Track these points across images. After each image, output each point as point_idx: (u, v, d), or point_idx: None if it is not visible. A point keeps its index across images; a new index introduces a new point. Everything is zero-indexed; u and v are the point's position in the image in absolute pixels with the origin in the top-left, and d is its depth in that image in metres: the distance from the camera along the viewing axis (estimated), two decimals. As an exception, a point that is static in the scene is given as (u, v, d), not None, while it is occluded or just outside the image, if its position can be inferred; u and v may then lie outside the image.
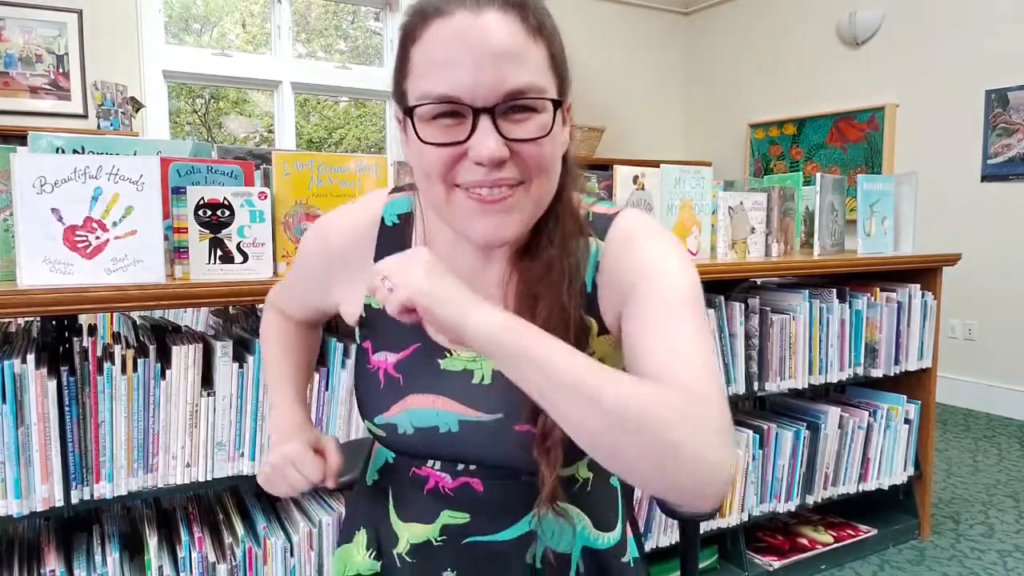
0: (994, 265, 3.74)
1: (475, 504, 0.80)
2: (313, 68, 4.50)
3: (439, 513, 0.82)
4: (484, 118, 0.65)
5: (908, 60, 4.14)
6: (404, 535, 0.83)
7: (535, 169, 0.68)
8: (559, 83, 0.71)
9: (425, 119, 0.68)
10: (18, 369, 1.15)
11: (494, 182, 0.67)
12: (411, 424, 0.79)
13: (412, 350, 0.80)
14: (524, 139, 0.67)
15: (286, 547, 1.39)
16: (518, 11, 0.67)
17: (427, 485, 0.82)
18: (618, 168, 1.80)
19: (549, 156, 0.69)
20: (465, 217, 0.70)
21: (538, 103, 0.67)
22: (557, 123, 0.70)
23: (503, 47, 0.65)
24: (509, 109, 0.66)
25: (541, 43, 0.69)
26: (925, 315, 2.25)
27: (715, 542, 2.04)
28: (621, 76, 5.20)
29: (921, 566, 2.16)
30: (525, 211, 0.70)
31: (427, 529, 0.82)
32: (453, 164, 0.68)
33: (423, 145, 0.68)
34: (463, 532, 0.81)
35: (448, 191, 0.69)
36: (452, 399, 0.78)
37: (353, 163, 1.43)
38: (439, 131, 0.67)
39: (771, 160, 4.93)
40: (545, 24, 0.70)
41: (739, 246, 1.99)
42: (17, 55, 3.45)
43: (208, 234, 1.31)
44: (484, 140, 0.65)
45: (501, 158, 0.66)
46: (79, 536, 1.36)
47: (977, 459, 3.12)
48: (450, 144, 0.67)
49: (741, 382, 1.91)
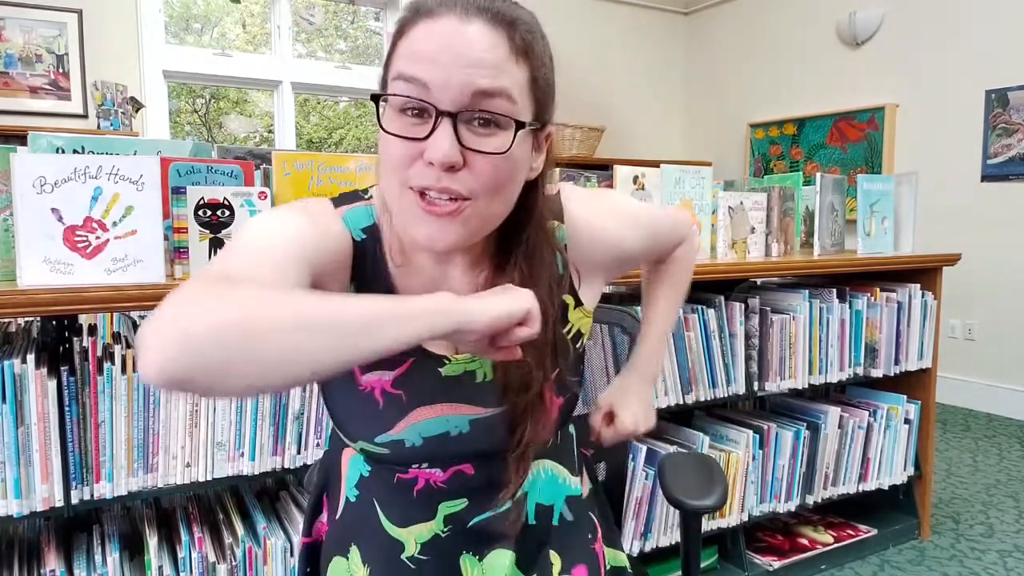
0: (994, 265, 3.74)
1: (469, 487, 0.82)
2: (313, 68, 4.50)
3: (437, 507, 0.83)
4: (445, 120, 0.66)
5: (908, 60, 4.14)
6: (409, 539, 0.84)
7: (486, 186, 0.68)
8: (536, 108, 0.72)
9: (394, 109, 0.69)
10: (18, 369, 1.15)
11: (442, 189, 0.67)
12: (419, 436, 0.79)
13: (408, 365, 0.79)
14: (480, 151, 0.67)
15: (286, 547, 1.39)
16: (506, 28, 0.68)
17: (416, 486, 0.82)
18: (618, 168, 1.80)
19: (502, 177, 0.69)
20: (410, 218, 0.70)
21: (503, 120, 0.68)
22: (520, 146, 0.69)
23: (481, 57, 0.66)
24: (475, 119, 0.67)
25: (523, 64, 0.69)
26: (925, 315, 2.25)
27: (715, 542, 2.04)
28: (621, 76, 5.20)
29: (921, 566, 2.16)
30: (469, 224, 0.70)
31: (430, 526, 0.83)
32: (410, 162, 0.68)
33: (386, 135, 0.69)
34: (466, 516, 0.83)
35: (401, 188, 0.69)
36: (461, 403, 0.79)
37: (353, 163, 1.43)
38: (403, 125, 0.68)
39: (771, 160, 4.93)
40: (532, 47, 0.70)
41: (739, 246, 1.99)
42: (17, 55, 3.45)
43: (208, 234, 1.31)
44: (440, 141, 0.66)
45: (452, 162, 0.66)
46: (79, 536, 1.36)
47: (977, 459, 3.12)
48: (410, 139, 0.67)
49: (741, 382, 1.91)
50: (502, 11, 0.68)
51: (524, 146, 0.71)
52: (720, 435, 1.99)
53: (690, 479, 1.08)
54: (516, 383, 0.77)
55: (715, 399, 1.88)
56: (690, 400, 1.83)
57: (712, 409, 2.12)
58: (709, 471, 1.11)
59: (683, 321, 1.81)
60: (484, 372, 0.80)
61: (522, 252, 0.77)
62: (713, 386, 1.87)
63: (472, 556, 0.83)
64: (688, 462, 1.14)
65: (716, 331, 1.85)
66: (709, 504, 1.04)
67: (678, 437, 1.92)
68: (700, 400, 1.85)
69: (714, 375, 1.87)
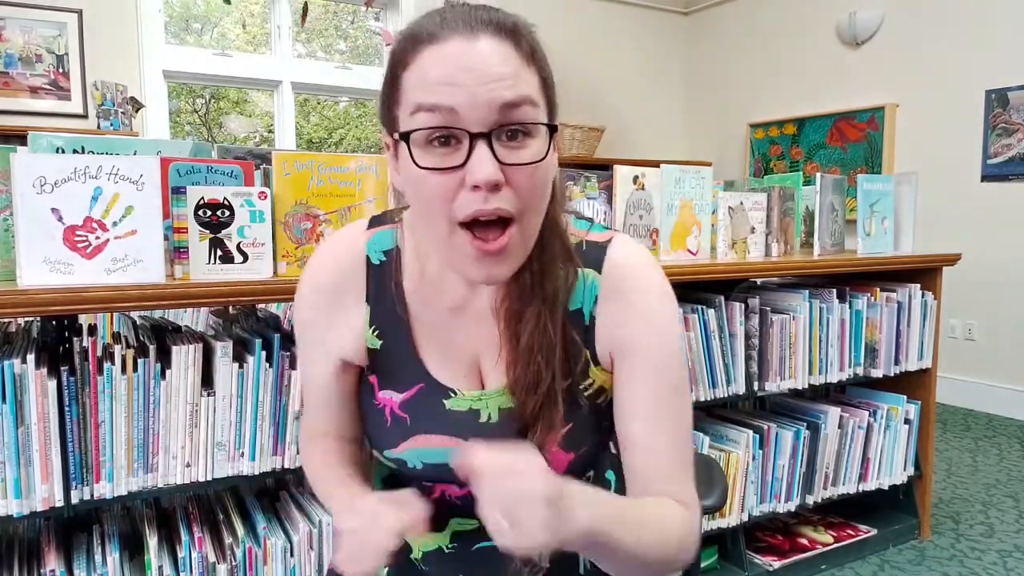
0: (994, 265, 3.74)
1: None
2: (313, 68, 4.50)
3: (448, 520, 0.82)
4: (480, 142, 0.65)
5: (908, 60, 4.14)
6: (415, 544, 0.84)
7: (528, 198, 0.68)
8: (549, 108, 0.72)
9: (420, 144, 0.67)
10: (18, 369, 1.15)
11: (493, 211, 0.66)
12: (420, 460, 0.80)
13: (416, 390, 0.80)
14: (520, 163, 0.67)
15: (286, 547, 1.39)
16: (511, 37, 0.67)
17: (433, 494, 0.82)
18: (618, 168, 1.80)
19: (541, 184, 0.70)
20: (464, 260, 0.70)
21: (532, 128, 0.68)
22: (550, 149, 0.70)
23: (498, 71, 0.65)
24: (504, 134, 0.66)
25: (533, 68, 0.69)
26: (925, 315, 2.25)
27: (715, 542, 2.04)
28: (621, 76, 5.20)
29: (921, 566, 2.16)
30: (519, 250, 0.71)
31: (438, 537, 0.83)
32: (453, 194, 0.67)
33: (420, 172, 0.67)
34: (474, 538, 0.82)
35: (451, 228, 0.68)
36: (461, 438, 0.78)
37: (353, 163, 1.43)
38: (436, 158, 0.66)
39: (771, 160, 4.93)
40: (536, 50, 0.70)
41: (739, 246, 1.99)
42: (17, 55, 3.45)
43: (208, 234, 1.31)
44: (482, 164, 0.65)
45: (497, 181, 0.65)
46: (79, 536, 1.36)
47: (977, 459, 3.12)
48: (447, 169, 0.66)
49: (741, 382, 1.91)
50: (503, 21, 0.68)
51: (551, 147, 0.71)
52: (720, 435, 1.99)
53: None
54: (525, 383, 0.76)
55: (715, 399, 1.88)
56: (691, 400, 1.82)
57: (712, 409, 2.12)
58: (709, 471, 1.11)
59: (683, 321, 1.81)
60: (489, 413, 0.79)
61: (536, 255, 0.75)
62: (713, 386, 1.87)
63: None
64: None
65: (716, 331, 1.85)
66: (708, 504, 1.04)
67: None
68: (700, 400, 1.85)
69: (714, 375, 1.87)
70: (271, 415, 1.35)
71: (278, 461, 1.36)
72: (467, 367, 0.80)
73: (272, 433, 1.35)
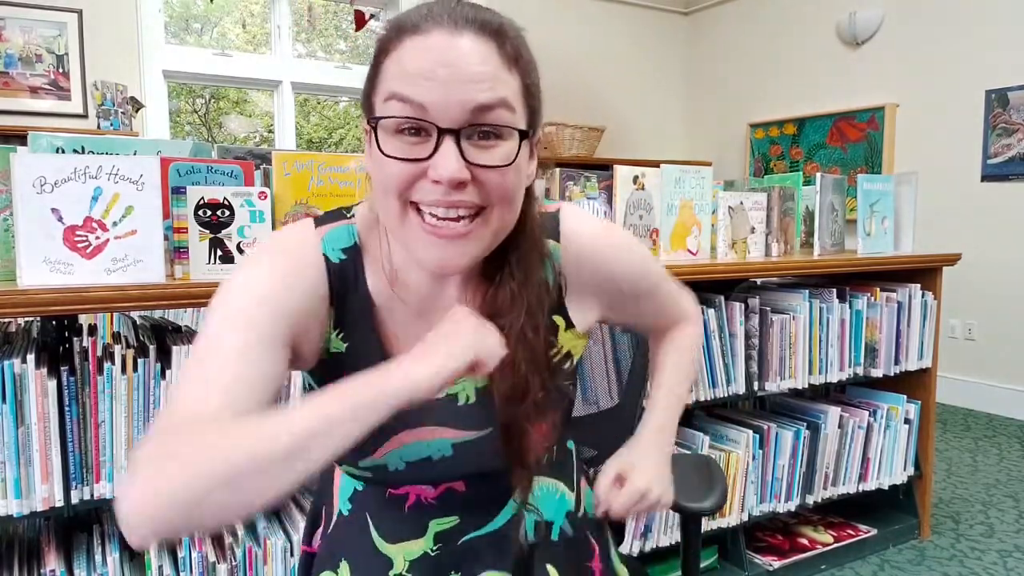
0: (994, 265, 3.74)
1: (460, 504, 0.81)
2: (313, 68, 4.51)
3: (427, 525, 0.82)
4: (448, 138, 0.65)
5: (908, 60, 4.14)
6: (398, 556, 0.82)
7: (497, 197, 0.68)
8: (530, 115, 0.71)
9: (390, 131, 0.67)
10: (18, 369, 1.15)
11: (451, 203, 0.66)
12: (402, 460, 0.78)
13: None
14: (487, 165, 0.66)
15: (286, 547, 1.39)
16: (495, 38, 0.67)
17: (408, 502, 0.82)
18: (618, 168, 1.80)
19: (512, 186, 0.69)
20: (417, 243, 0.68)
21: (504, 131, 0.67)
22: (523, 154, 0.69)
23: (476, 70, 0.65)
24: (476, 134, 0.66)
25: (515, 73, 0.68)
26: (925, 315, 2.25)
27: (715, 542, 2.04)
28: (621, 76, 5.20)
29: (921, 566, 2.16)
30: (482, 241, 0.69)
31: (419, 543, 0.82)
32: (412, 181, 0.66)
33: (384, 158, 0.66)
34: (456, 534, 0.81)
35: (403, 208, 0.68)
36: (443, 426, 0.78)
37: (353, 163, 1.43)
38: (402, 146, 0.66)
39: (771, 160, 4.93)
40: (521, 55, 0.69)
41: (739, 246, 1.99)
42: (17, 55, 3.45)
43: (208, 234, 1.31)
44: (446, 160, 0.64)
45: (461, 180, 0.65)
46: (79, 536, 1.36)
47: (977, 459, 3.12)
48: (412, 160, 0.66)
49: (741, 382, 1.91)
50: (489, 20, 0.67)
51: (524, 153, 0.70)
52: (720, 435, 1.99)
53: (689, 481, 1.08)
54: (510, 393, 0.74)
55: (715, 399, 1.88)
56: (690, 400, 1.83)
57: (712, 409, 2.12)
58: (708, 472, 1.11)
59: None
60: (467, 395, 0.79)
61: (515, 260, 0.75)
62: (713, 386, 1.87)
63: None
64: (687, 463, 1.14)
65: (716, 331, 1.85)
66: (708, 506, 1.03)
67: (678, 437, 1.92)
68: (700, 400, 1.85)
69: (714, 375, 1.87)
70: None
71: (278, 461, 1.36)
72: None
73: (272, 433, 1.35)
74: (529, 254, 0.76)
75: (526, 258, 0.75)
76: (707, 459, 1.19)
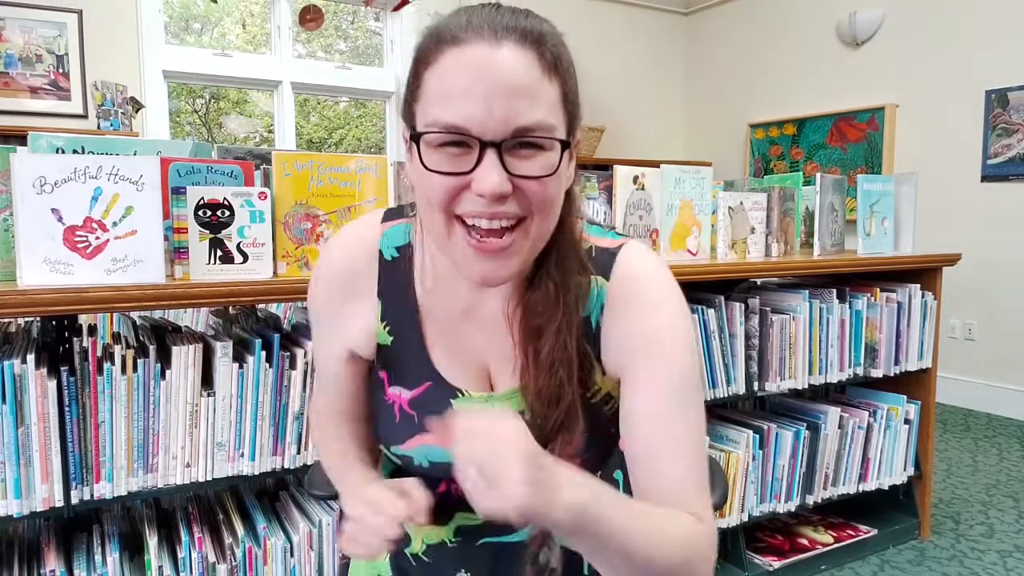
0: (994, 265, 3.74)
1: None
2: (313, 68, 4.50)
3: (453, 515, 0.83)
4: (490, 151, 0.65)
5: (908, 60, 4.14)
6: (418, 536, 0.84)
7: (537, 207, 0.68)
8: (569, 121, 0.71)
9: (432, 145, 0.67)
10: (18, 369, 1.15)
11: (494, 215, 0.66)
12: (426, 459, 0.80)
13: (425, 388, 0.80)
14: (529, 176, 0.66)
15: (286, 547, 1.39)
16: (535, 47, 0.66)
17: (439, 488, 0.82)
18: (618, 168, 1.80)
19: (552, 195, 0.69)
20: (462, 256, 0.69)
21: (546, 141, 0.67)
22: (563, 162, 0.69)
23: (517, 83, 0.64)
24: (516, 145, 0.66)
25: (555, 80, 0.68)
26: (925, 315, 2.25)
27: (715, 542, 2.04)
28: (621, 76, 5.20)
29: (921, 566, 2.16)
30: (523, 252, 0.70)
31: (441, 531, 0.83)
32: (456, 194, 0.67)
33: (427, 172, 0.67)
34: (478, 533, 0.82)
35: (448, 222, 0.68)
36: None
37: (353, 163, 1.43)
38: (444, 159, 0.66)
39: (771, 160, 4.93)
40: (561, 60, 0.69)
41: (739, 246, 1.99)
42: (17, 55, 3.45)
43: (208, 234, 1.31)
44: (488, 175, 0.64)
45: (503, 193, 0.65)
46: (79, 536, 1.36)
47: (977, 459, 3.12)
48: (454, 174, 0.66)
49: (741, 382, 1.91)
50: (529, 28, 0.66)
51: (564, 161, 0.70)
52: (720, 435, 1.99)
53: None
54: (547, 397, 0.74)
55: (715, 399, 1.88)
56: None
57: (712, 409, 2.12)
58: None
59: (683, 321, 1.80)
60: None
61: (553, 262, 0.74)
62: (713, 386, 1.87)
63: (468, 575, 0.82)
64: None
65: (716, 331, 1.85)
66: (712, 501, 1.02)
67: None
68: (700, 400, 1.85)
69: (714, 375, 1.87)
70: (271, 415, 1.35)
71: (278, 461, 1.36)
72: (476, 369, 0.80)
73: (272, 433, 1.36)
74: (567, 257, 0.75)
75: (564, 260, 0.75)
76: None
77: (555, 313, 0.74)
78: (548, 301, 0.74)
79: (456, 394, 0.80)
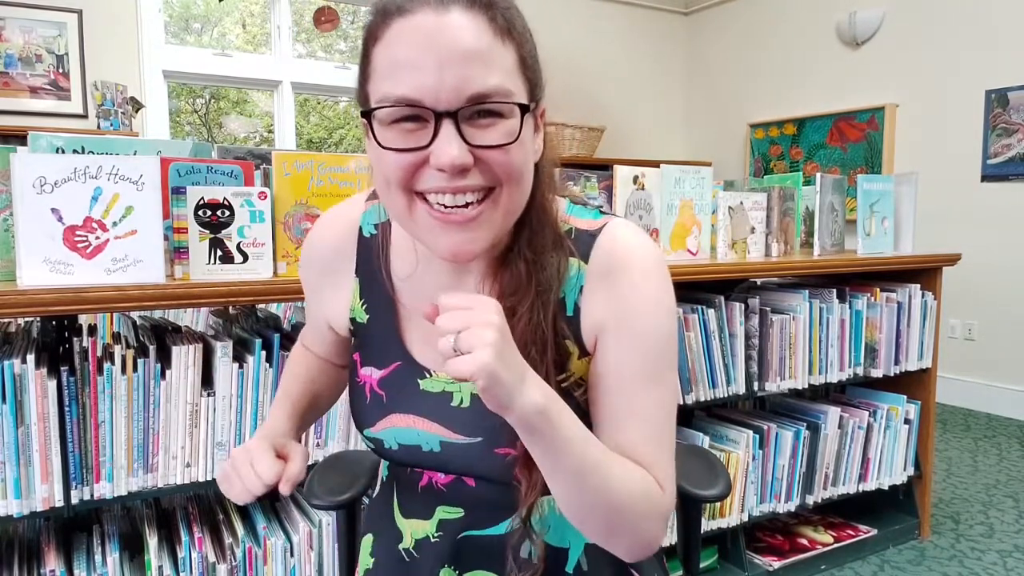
0: (994, 265, 3.74)
1: (468, 499, 0.81)
2: (313, 68, 4.50)
3: (435, 509, 0.82)
4: (447, 122, 0.62)
5: (908, 60, 4.14)
6: (407, 531, 0.84)
7: (504, 176, 0.65)
8: (529, 87, 0.68)
9: (385, 123, 0.64)
10: (18, 369, 1.15)
11: (456, 189, 0.64)
12: (396, 441, 0.80)
13: (394, 368, 0.80)
14: (489, 145, 0.63)
15: (286, 547, 1.39)
16: (485, 10, 0.63)
17: (421, 482, 0.82)
18: (618, 168, 1.80)
19: (518, 163, 0.65)
20: (428, 232, 0.67)
21: (505, 107, 0.64)
22: (527, 129, 0.66)
23: (468, 48, 0.61)
24: (474, 114, 0.63)
25: (510, 45, 0.65)
26: (925, 315, 2.25)
27: (715, 542, 2.04)
28: (621, 76, 5.20)
29: (921, 566, 2.16)
30: (494, 224, 0.67)
31: (425, 525, 0.83)
32: (414, 171, 0.64)
33: (382, 150, 0.65)
34: (459, 527, 0.81)
35: (409, 200, 0.66)
36: (432, 420, 0.78)
37: (353, 163, 1.43)
38: (399, 136, 0.64)
39: (771, 160, 4.93)
40: (515, 25, 0.66)
41: (739, 246, 1.99)
42: (17, 55, 3.45)
43: (208, 234, 1.31)
44: (446, 146, 0.62)
45: (464, 165, 0.62)
46: (79, 536, 1.36)
47: (977, 459, 3.12)
48: (410, 150, 0.64)
49: (741, 382, 1.91)
50: None
51: (528, 128, 0.67)
52: (720, 435, 1.99)
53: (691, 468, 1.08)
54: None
55: (715, 399, 1.88)
56: (690, 400, 1.83)
57: (712, 409, 2.12)
58: (708, 463, 1.11)
59: (683, 321, 1.81)
60: (461, 397, 0.77)
61: (525, 240, 0.72)
62: (713, 386, 1.87)
63: (452, 570, 0.81)
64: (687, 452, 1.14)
65: (716, 331, 1.85)
66: (713, 494, 1.03)
67: (678, 437, 1.91)
68: (700, 400, 1.85)
69: (714, 375, 1.87)
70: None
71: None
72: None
73: (272, 433, 1.35)
74: (539, 233, 0.73)
75: (536, 237, 0.73)
76: (703, 449, 1.19)
77: (527, 291, 0.71)
78: (520, 280, 0.72)
79: (424, 374, 0.78)
